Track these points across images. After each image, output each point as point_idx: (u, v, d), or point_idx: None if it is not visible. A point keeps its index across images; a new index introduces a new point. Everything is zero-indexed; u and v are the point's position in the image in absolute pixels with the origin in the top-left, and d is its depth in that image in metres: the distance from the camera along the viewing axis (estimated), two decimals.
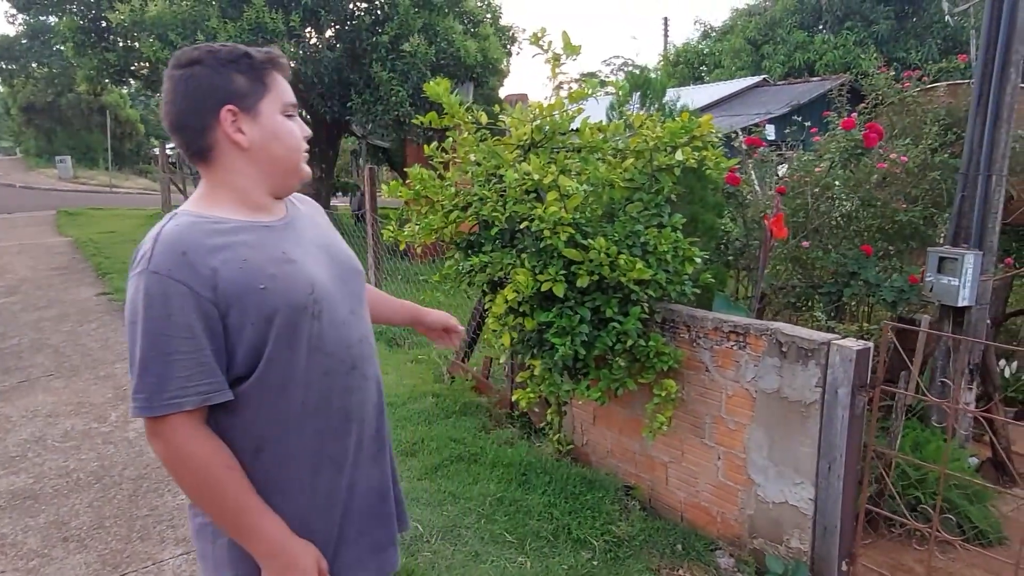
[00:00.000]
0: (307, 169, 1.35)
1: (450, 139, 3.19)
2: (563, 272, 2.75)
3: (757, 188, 4.45)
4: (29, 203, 20.62)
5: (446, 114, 3.02)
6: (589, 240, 2.76)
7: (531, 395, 2.97)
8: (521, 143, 2.98)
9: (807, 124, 4.68)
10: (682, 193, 3.27)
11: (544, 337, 2.91)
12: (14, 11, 12.47)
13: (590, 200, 2.98)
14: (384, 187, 3.05)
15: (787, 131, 4.58)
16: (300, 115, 1.36)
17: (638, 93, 3.79)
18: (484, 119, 3.06)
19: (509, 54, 10.24)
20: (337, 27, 8.50)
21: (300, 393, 1.24)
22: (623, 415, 3.26)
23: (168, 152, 18.55)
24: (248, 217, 1.27)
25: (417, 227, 3.04)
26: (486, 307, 4.24)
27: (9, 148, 57.46)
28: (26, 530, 2.61)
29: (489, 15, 9.77)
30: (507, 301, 2.81)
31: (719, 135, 3.25)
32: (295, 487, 1.27)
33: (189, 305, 1.13)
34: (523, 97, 4.35)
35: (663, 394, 2.77)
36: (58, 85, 19.84)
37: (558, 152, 2.99)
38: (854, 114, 4.37)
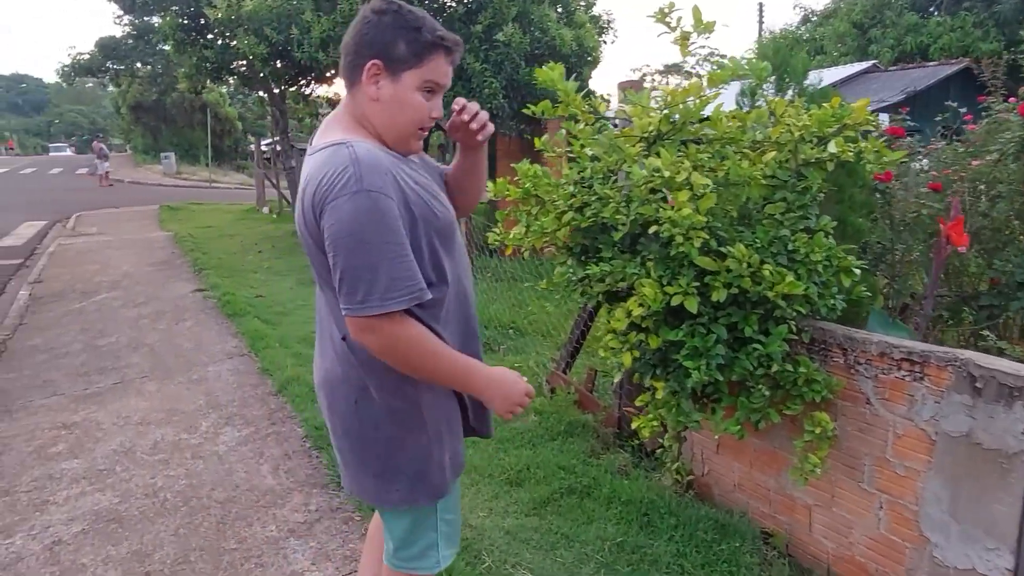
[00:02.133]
0: (417, 145, 1.50)
1: (562, 131, 2.85)
2: (695, 284, 2.37)
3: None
4: (136, 198, 21.69)
5: (560, 103, 2.68)
6: (728, 247, 2.37)
7: (654, 423, 2.60)
8: (646, 135, 2.61)
9: (962, 110, 4.07)
10: (828, 191, 2.82)
11: (670, 357, 2.54)
12: (120, 12, 13.02)
13: (726, 199, 2.58)
14: (491, 185, 2.74)
15: (900, 120, 4.00)
16: None
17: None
18: (603, 108, 2.70)
19: (604, 42, 9.81)
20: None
21: (453, 291, 1.51)
22: (755, 446, 2.85)
23: (263, 148, 19.11)
24: (389, 153, 1.45)
25: (526, 229, 2.72)
26: (593, 316, 3.90)
27: (120, 145, 61.36)
28: (107, 561, 2.45)
29: (583, 2, 9.37)
30: (630, 316, 2.45)
31: (874, 124, 2.78)
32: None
33: (397, 218, 1.33)
34: (636, 84, 3.96)
35: (816, 430, 2.35)
36: (161, 84, 20.81)
37: (687, 145, 2.60)
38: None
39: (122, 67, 19.11)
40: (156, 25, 14.05)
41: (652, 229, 2.37)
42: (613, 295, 2.69)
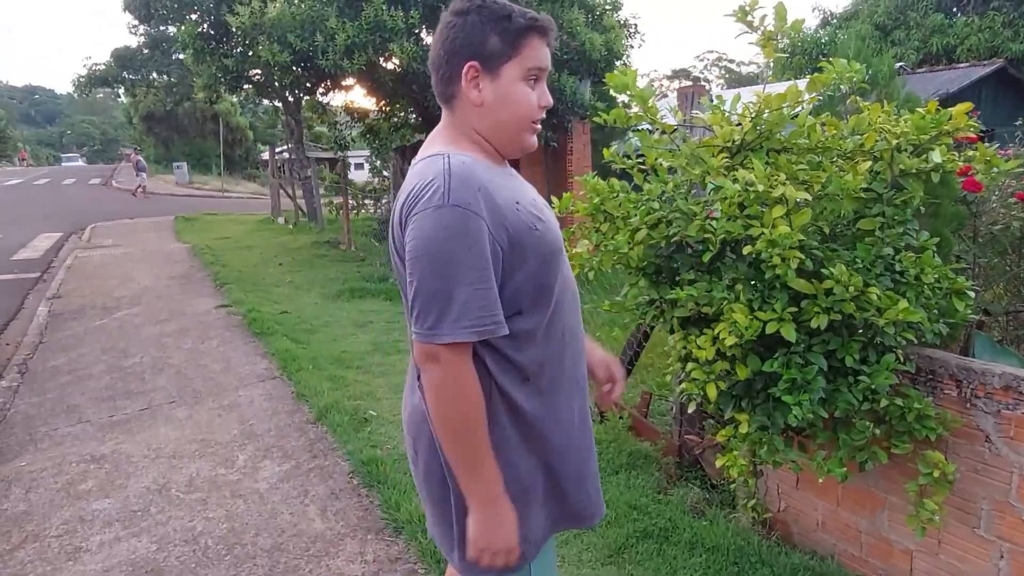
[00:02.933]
0: (532, 141, 1.36)
1: (629, 140, 2.63)
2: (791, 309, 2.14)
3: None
4: (149, 209, 21.66)
5: (623, 109, 2.46)
6: (826, 268, 2.14)
7: (742, 463, 2.36)
8: (729, 144, 2.39)
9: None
10: (925, 204, 2.59)
11: (755, 388, 2.31)
12: (136, 22, 12.92)
13: (819, 215, 2.35)
14: (555, 200, 2.51)
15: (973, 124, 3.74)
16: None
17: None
18: (679, 116, 2.48)
19: (631, 47, 9.59)
20: None
21: (560, 322, 1.35)
22: (843, 482, 2.61)
23: (277, 157, 19.05)
24: (492, 164, 1.33)
25: (594, 248, 2.50)
26: (647, 336, 3.67)
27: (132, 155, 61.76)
28: None
29: (609, 5, 9.15)
30: (716, 343, 2.23)
31: (976, 129, 2.55)
32: (563, 413, 1.37)
33: (484, 239, 1.19)
34: (698, 89, 3.73)
35: (934, 473, 2.10)
36: (176, 94, 20.71)
37: (776, 155, 2.38)
38: None
39: (137, 77, 19.02)
40: (172, 34, 13.96)
41: (746, 250, 2.14)
42: (690, 319, 2.46)
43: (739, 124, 2.42)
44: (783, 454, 2.28)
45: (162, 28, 14.80)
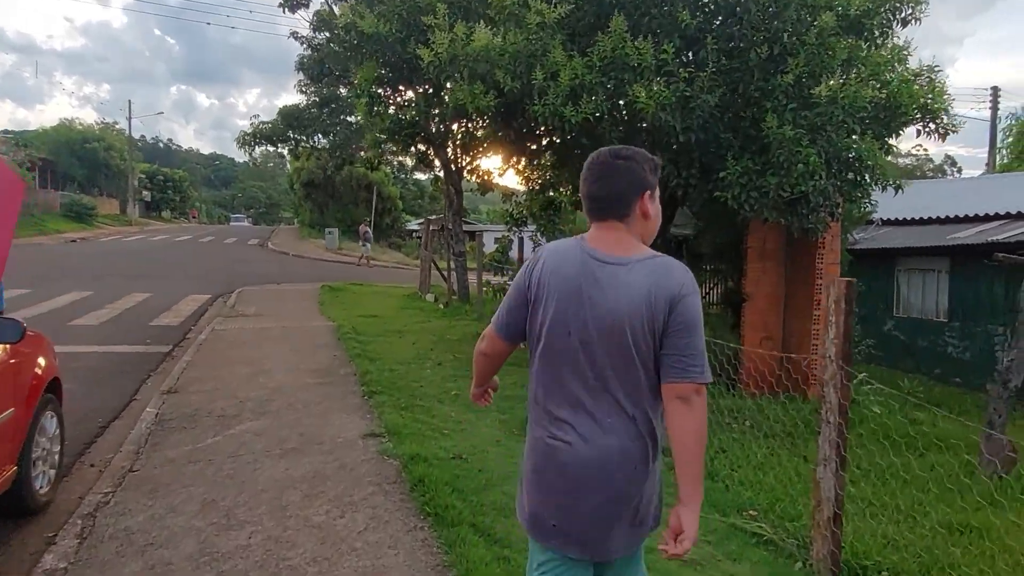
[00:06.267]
0: None
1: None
2: None
3: None
4: (297, 272, 21.09)
5: None
6: None
7: None
8: None
9: None
10: None
11: None
12: (307, 80, 11.99)
13: None
14: None
15: None
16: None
17: None
18: None
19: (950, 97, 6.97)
20: (722, 61, 5.94)
21: None
22: None
23: (416, 227, 17.77)
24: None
25: None
26: None
27: (289, 219, 65.29)
28: None
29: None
30: None
31: None
32: None
33: None
34: None
35: None
36: (338, 157, 20.19)
37: None
38: None
39: (302, 137, 18.51)
40: (343, 94, 12.96)
41: None
42: None
43: None
44: None
45: (332, 88, 13.91)
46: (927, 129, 5.89)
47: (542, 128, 6.72)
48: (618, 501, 1.74)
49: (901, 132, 6.09)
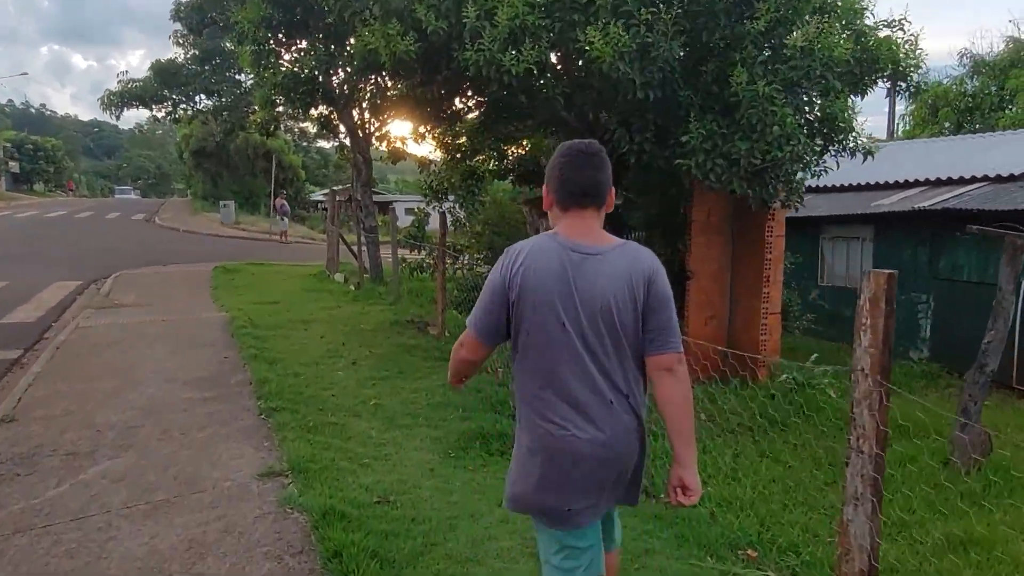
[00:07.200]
0: None
1: None
2: None
3: None
4: (188, 251, 19.10)
5: None
6: None
7: None
8: None
9: None
10: None
11: None
12: (186, 31, 10.28)
13: None
14: None
15: None
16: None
17: None
18: None
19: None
20: (685, 1, 5.04)
21: None
22: None
23: (320, 198, 16.28)
24: None
25: None
26: None
27: (182, 191, 60.96)
28: None
29: None
30: None
31: None
32: None
33: None
34: None
35: None
36: (227, 121, 18.05)
37: None
38: None
39: (182, 97, 16.17)
40: (226, 48, 11.27)
41: None
42: None
43: None
44: None
45: (217, 39, 12.12)
46: (897, 88, 5.30)
47: (470, 83, 5.69)
48: (624, 472, 1.94)
49: (872, 89, 5.48)
